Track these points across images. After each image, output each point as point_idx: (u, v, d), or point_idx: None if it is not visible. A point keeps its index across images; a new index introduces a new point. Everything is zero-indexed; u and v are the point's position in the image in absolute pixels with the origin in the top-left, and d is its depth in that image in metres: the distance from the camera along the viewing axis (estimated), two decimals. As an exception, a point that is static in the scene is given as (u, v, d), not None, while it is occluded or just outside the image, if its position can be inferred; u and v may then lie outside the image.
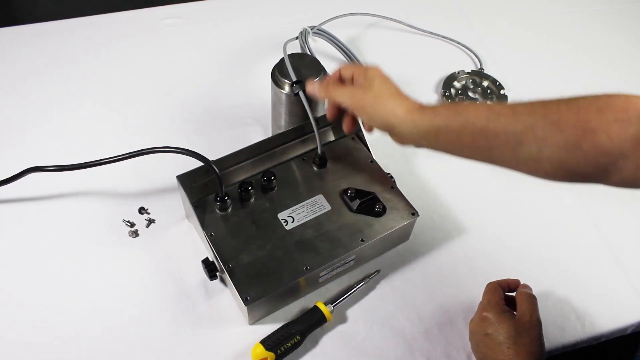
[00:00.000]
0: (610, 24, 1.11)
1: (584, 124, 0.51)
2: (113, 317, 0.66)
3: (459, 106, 0.57)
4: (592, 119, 0.51)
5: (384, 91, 0.61)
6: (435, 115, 0.58)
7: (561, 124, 0.52)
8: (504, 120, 0.54)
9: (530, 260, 0.74)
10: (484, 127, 0.55)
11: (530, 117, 0.53)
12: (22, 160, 0.76)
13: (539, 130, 0.53)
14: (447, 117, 0.57)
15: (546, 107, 0.53)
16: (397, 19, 1.04)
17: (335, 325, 0.67)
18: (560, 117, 0.52)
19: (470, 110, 0.56)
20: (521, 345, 0.58)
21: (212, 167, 0.64)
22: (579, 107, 0.52)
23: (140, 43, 0.98)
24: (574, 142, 0.51)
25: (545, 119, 0.53)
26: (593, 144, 0.51)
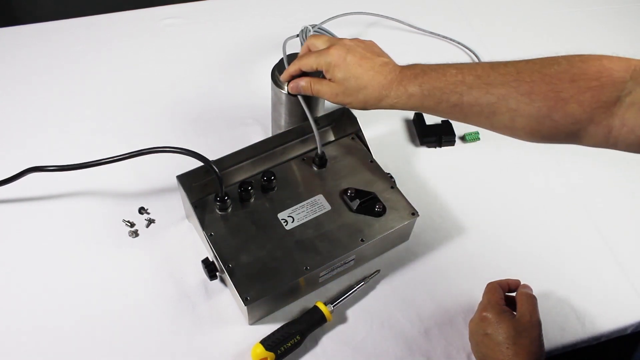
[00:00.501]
0: (610, 24, 1.11)
1: (556, 94, 0.52)
2: (113, 317, 0.66)
3: (431, 80, 0.59)
4: (564, 89, 0.52)
5: (352, 83, 0.63)
6: (409, 98, 0.60)
7: (533, 94, 0.53)
8: (476, 93, 0.56)
9: (530, 260, 0.74)
10: (458, 101, 0.57)
11: (502, 89, 0.54)
12: (22, 160, 0.76)
13: (512, 102, 0.54)
14: (421, 98, 0.59)
15: (519, 76, 0.54)
16: (397, 19, 1.04)
17: (335, 325, 0.67)
18: (532, 87, 0.53)
19: (443, 85, 0.57)
20: (521, 346, 0.58)
21: (212, 167, 0.64)
22: (552, 76, 0.52)
23: (141, 43, 0.98)
24: (546, 112, 0.53)
25: (518, 90, 0.53)
26: (564, 113, 0.52)
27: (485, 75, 0.56)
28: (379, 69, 0.62)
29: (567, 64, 0.52)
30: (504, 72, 0.55)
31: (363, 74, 0.62)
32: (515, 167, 0.84)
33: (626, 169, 0.85)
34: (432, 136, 0.85)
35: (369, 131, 0.79)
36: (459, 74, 0.57)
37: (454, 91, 0.57)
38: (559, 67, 0.52)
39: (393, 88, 0.61)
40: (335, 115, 0.77)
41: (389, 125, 0.88)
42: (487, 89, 0.55)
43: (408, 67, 0.62)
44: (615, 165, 0.85)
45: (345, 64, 0.63)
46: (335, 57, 0.63)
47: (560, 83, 0.52)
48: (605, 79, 0.51)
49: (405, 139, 0.87)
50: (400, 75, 0.61)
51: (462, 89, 0.56)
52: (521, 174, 0.84)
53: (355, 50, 0.64)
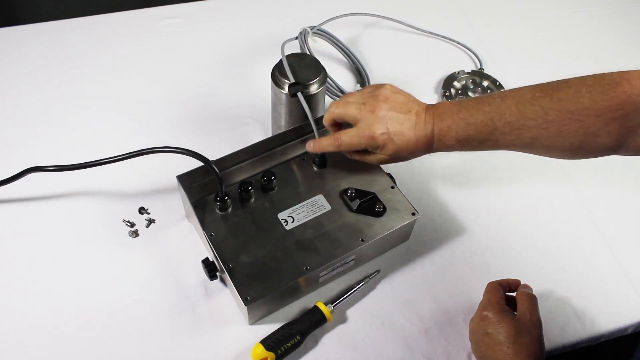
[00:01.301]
0: (610, 24, 1.11)
1: (584, 130, 0.56)
2: (113, 316, 0.66)
3: (466, 132, 0.62)
4: (591, 124, 0.55)
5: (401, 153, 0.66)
6: (449, 149, 0.64)
7: (563, 134, 0.57)
8: (509, 137, 0.60)
9: (531, 260, 0.74)
10: (494, 145, 0.62)
11: (534, 131, 0.58)
12: (22, 160, 0.76)
13: (544, 140, 0.58)
14: (461, 148, 0.64)
15: (546, 117, 0.57)
16: (397, 19, 1.04)
17: (335, 325, 0.67)
18: (561, 128, 0.57)
19: (479, 136, 0.61)
20: (521, 345, 0.58)
21: (212, 167, 0.64)
22: (578, 114, 0.56)
23: (141, 43, 0.98)
24: (578, 146, 0.57)
25: (548, 132, 0.58)
26: (595, 145, 0.57)
27: (515, 121, 0.59)
28: (417, 128, 0.64)
29: (590, 99, 0.55)
30: (532, 115, 0.58)
31: (409, 143, 0.64)
32: (515, 167, 0.84)
33: (626, 169, 0.85)
34: (432, 136, 0.85)
35: (369, 131, 0.78)
36: (490, 121, 0.60)
37: (489, 139, 0.61)
38: (583, 103, 0.55)
39: (434, 145, 0.64)
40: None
41: (389, 125, 0.88)
42: (519, 134, 0.59)
43: (439, 117, 0.63)
44: (616, 165, 0.85)
45: (392, 142, 0.64)
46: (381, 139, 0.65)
47: (587, 119, 0.55)
48: (628, 107, 0.54)
49: (405, 139, 0.86)
50: (436, 129, 0.63)
51: (496, 136, 0.61)
52: (521, 174, 0.84)
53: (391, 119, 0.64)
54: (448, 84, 0.94)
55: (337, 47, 0.96)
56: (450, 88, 0.93)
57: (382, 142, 0.65)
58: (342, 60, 0.97)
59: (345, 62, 0.97)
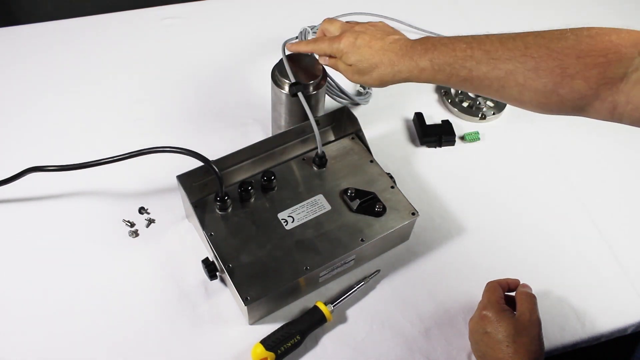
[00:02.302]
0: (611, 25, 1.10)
1: (562, 70, 0.53)
2: (113, 316, 0.66)
3: (441, 55, 0.60)
4: (570, 65, 0.52)
5: (364, 64, 0.65)
6: (421, 72, 0.62)
7: (540, 70, 0.54)
8: (484, 67, 0.57)
9: (530, 260, 0.74)
10: (467, 75, 0.59)
11: (510, 64, 0.55)
12: (22, 160, 0.76)
13: (519, 77, 0.55)
14: (432, 72, 0.61)
15: (526, 52, 0.55)
16: (397, 19, 1.04)
17: (335, 325, 0.67)
18: (539, 63, 0.54)
19: (453, 61, 0.59)
20: (520, 344, 0.58)
21: (212, 167, 0.64)
22: (558, 52, 0.53)
23: (141, 43, 0.98)
24: (552, 87, 0.54)
25: (525, 66, 0.55)
26: (570, 89, 0.53)
27: (494, 50, 0.57)
28: (389, 46, 0.64)
29: (575, 40, 0.53)
30: (511, 47, 0.56)
31: (373, 55, 0.64)
32: (515, 166, 0.84)
33: (626, 169, 0.85)
34: (432, 136, 0.85)
35: (369, 131, 0.79)
36: (468, 48, 0.58)
37: (463, 66, 0.59)
38: (566, 43, 0.53)
39: (405, 63, 0.63)
40: (336, 115, 0.77)
41: (389, 125, 0.88)
42: (495, 64, 0.56)
43: (419, 42, 0.63)
44: (616, 164, 0.85)
45: (355, 48, 0.65)
46: (346, 44, 0.66)
47: (566, 59, 0.53)
48: (612, 55, 0.51)
49: (405, 139, 0.87)
50: (411, 50, 0.63)
51: (471, 64, 0.58)
52: (521, 174, 0.84)
53: (364, 33, 0.66)
54: (448, 84, 0.94)
55: (337, 47, 0.96)
56: (450, 88, 0.93)
57: (346, 48, 0.66)
58: (342, 60, 0.97)
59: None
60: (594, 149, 0.87)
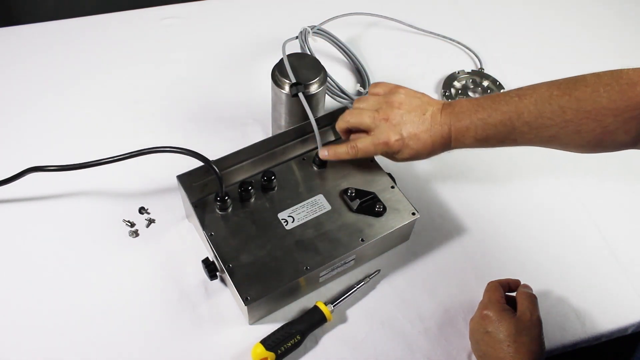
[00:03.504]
0: (611, 25, 1.11)
1: (602, 129, 0.56)
2: (113, 316, 0.66)
3: (484, 132, 0.62)
4: (610, 124, 0.56)
5: (419, 156, 0.66)
6: (469, 147, 0.65)
7: (582, 132, 0.57)
8: (528, 136, 0.61)
9: (531, 260, 0.74)
10: (513, 144, 0.63)
11: (552, 130, 0.59)
12: (22, 160, 0.76)
13: (563, 139, 0.59)
14: (480, 146, 0.64)
15: (565, 117, 0.57)
16: (397, 19, 1.04)
17: (335, 325, 0.67)
18: (579, 127, 0.57)
19: (498, 135, 0.62)
20: (521, 344, 0.58)
21: (212, 167, 0.64)
22: (596, 113, 0.56)
23: (141, 43, 0.98)
24: (596, 143, 0.58)
25: (566, 131, 0.58)
26: (613, 142, 0.57)
27: (534, 120, 0.59)
28: (434, 131, 0.64)
29: (607, 98, 0.55)
30: (550, 115, 0.58)
31: (425, 146, 0.65)
32: (515, 166, 0.84)
33: (627, 169, 0.85)
34: (432, 136, 0.84)
35: (369, 131, 0.79)
36: (508, 121, 0.60)
37: (507, 138, 0.62)
38: (601, 102, 0.56)
39: (452, 144, 0.65)
40: (336, 115, 0.77)
41: (389, 125, 0.88)
42: (538, 133, 0.60)
43: (456, 117, 0.63)
44: (616, 164, 0.85)
45: (407, 147, 0.66)
46: (395, 145, 0.66)
47: (605, 119, 0.56)
48: None
49: (405, 139, 0.86)
50: (453, 130, 0.63)
51: (515, 136, 0.61)
52: (521, 174, 0.84)
53: (406, 124, 0.65)
54: (448, 83, 0.94)
55: (337, 47, 0.96)
56: (450, 88, 0.94)
57: (397, 148, 0.65)
58: (342, 60, 0.97)
59: (345, 62, 0.97)
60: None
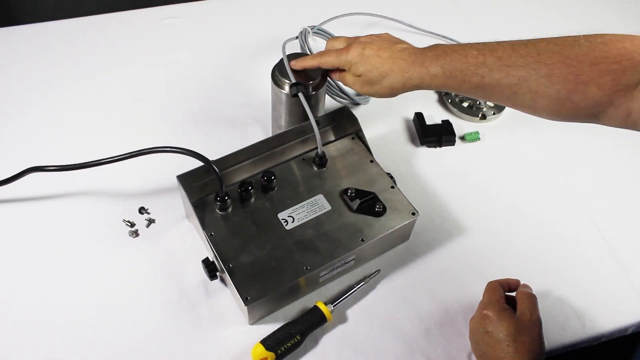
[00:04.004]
0: (611, 25, 1.10)
1: (576, 77, 0.52)
2: (113, 316, 0.66)
3: (452, 62, 0.60)
4: (584, 72, 0.52)
5: (374, 74, 0.65)
6: (432, 78, 0.61)
7: (553, 77, 0.53)
8: (497, 74, 0.56)
9: (531, 260, 0.74)
10: (479, 82, 0.58)
11: (523, 70, 0.55)
12: (22, 160, 0.76)
13: (532, 84, 0.55)
14: (444, 79, 0.61)
15: (539, 58, 0.54)
16: (397, 19, 1.04)
17: (335, 325, 0.67)
18: (552, 70, 0.53)
19: (465, 67, 0.59)
20: (521, 343, 0.58)
21: (212, 167, 0.64)
22: (572, 58, 0.52)
23: (141, 43, 0.98)
24: (566, 94, 0.53)
25: (538, 73, 0.54)
26: (584, 96, 0.53)
27: (506, 57, 0.56)
28: (399, 54, 0.64)
29: (588, 46, 0.52)
30: (524, 53, 0.55)
31: (383, 63, 0.64)
32: (515, 166, 0.84)
33: (627, 169, 0.85)
34: (432, 136, 0.85)
35: (369, 131, 0.79)
36: (480, 55, 0.58)
37: (475, 73, 0.58)
38: (580, 49, 0.53)
39: (415, 70, 0.62)
40: (336, 115, 0.77)
41: (389, 125, 0.88)
42: (508, 71, 0.56)
43: (429, 48, 0.63)
44: (616, 164, 0.85)
45: (364, 58, 0.65)
46: (354, 54, 0.66)
47: (580, 66, 0.52)
48: (626, 62, 0.51)
49: (405, 139, 0.87)
50: (421, 57, 0.62)
51: (483, 70, 0.57)
52: (521, 174, 0.84)
53: (372, 44, 0.66)
54: (448, 84, 0.94)
55: (337, 47, 0.96)
56: (450, 88, 0.93)
57: (354, 58, 0.65)
58: (342, 60, 0.97)
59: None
60: (594, 149, 0.87)
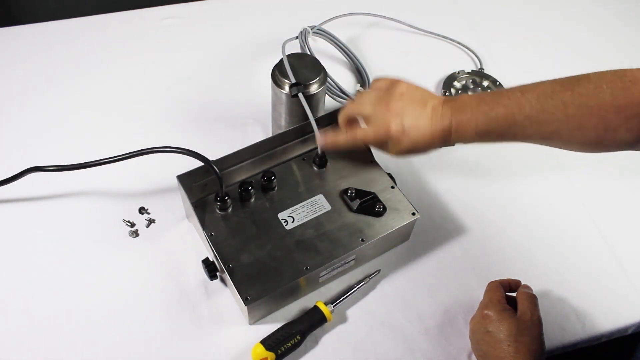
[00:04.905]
0: (611, 25, 1.11)
1: (605, 125, 0.55)
2: (113, 317, 0.66)
3: (485, 125, 0.61)
4: (611, 120, 0.55)
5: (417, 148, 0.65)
6: (467, 143, 0.64)
7: (583, 128, 0.56)
8: (529, 131, 0.59)
9: (531, 260, 0.74)
10: (513, 139, 0.61)
11: (553, 126, 0.58)
12: (22, 160, 0.76)
13: (563, 135, 0.58)
14: (479, 141, 0.63)
15: (567, 111, 0.57)
16: (397, 19, 1.04)
17: (335, 325, 0.67)
18: (581, 122, 0.56)
19: (498, 129, 0.60)
20: (522, 343, 0.58)
21: (212, 167, 0.64)
22: (598, 108, 0.55)
23: (141, 43, 0.98)
24: (597, 141, 0.57)
25: (568, 126, 0.57)
26: (614, 140, 0.56)
27: (535, 115, 0.58)
28: (434, 121, 0.63)
29: (611, 94, 0.55)
30: (552, 109, 0.57)
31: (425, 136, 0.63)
32: (515, 167, 0.84)
33: (627, 169, 0.85)
34: (432, 136, 0.84)
35: (369, 131, 0.78)
36: (510, 115, 0.59)
37: (508, 132, 0.60)
38: (604, 99, 0.55)
39: (452, 138, 0.63)
40: (336, 115, 0.77)
41: (389, 125, 0.88)
42: (539, 128, 0.59)
43: (458, 110, 0.62)
44: (616, 164, 0.85)
45: (407, 137, 0.64)
46: (395, 134, 0.64)
47: (607, 115, 0.55)
48: None
49: (405, 139, 0.86)
50: (454, 122, 0.62)
51: (515, 130, 0.60)
52: (522, 174, 0.84)
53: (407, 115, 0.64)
54: (448, 84, 0.94)
55: (337, 47, 0.96)
56: (450, 88, 0.94)
57: (397, 136, 0.64)
58: (342, 60, 0.97)
59: (345, 62, 0.97)
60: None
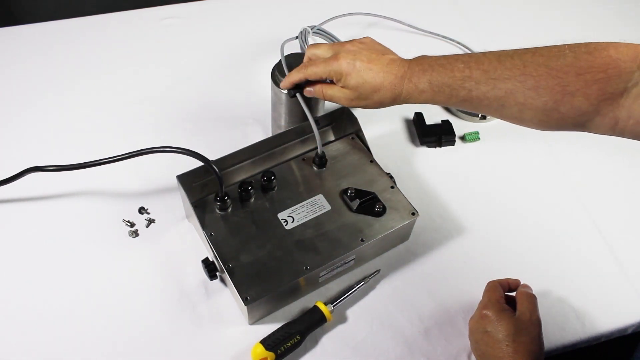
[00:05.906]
0: (611, 25, 1.10)
1: (562, 88, 0.53)
2: (113, 317, 0.66)
3: (439, 77, 0.60)
4: (570, 83, 0.52)
5: (366, 88, 0.64)
6: (420, 94, 0.61)
7: (539, 89, 0.54)
8: (484, 87, 0.57)
9: (530, 260, 0.74)
10: (467, 96, 0.58)
11: (509, 83, 0.55)
12: (22, 160, 0.76)
13: (519, 96, 0.55)
14: (432, 94, 0.61)
15: (525, 70, 0.55)
16: (397, 19, 1.04)
17: (335, 325, 0.67)
18: (538, 82, 0.54)
19: (452, 82, 0.59)
20: (520, 343, 0.58)
21: (212, 167, 0.64)
22: (558, 70, 0.53)
23: (141, 43, 0.98)
24: (553, 105, 0.54)
25: (524, 85, 0.55)
26: (571, 106, 0.53)
27: (492, 70, 0.56)
28: (388, 68, 0.63)
29: (573, 57, 0.53)
30: (510, 65, 0.56)
31: (375, 77, 0.63)
32: (515, 167, 0.84)
33: (627, 169, 0.85)
34: (432, 136, 0.85)
35: (369, 131, 0.79)
36: (466, 68, 0.58)
37: (462, 87, 0.58)
38: (565, 60, 0.53)
39: (404, 85, 0.62)
40: (335, 115, 0.77)
41: (389, 125, 0.88)
42: (495, 84, 0.56)
43: (416, 62, 0.63)
44: (616, 165, 0.85)
45: (356, 71, 0.63)
46: (345, 65, 0.64)
47: (566, 77, 0.53)
48: (611, 70, 0.51)
49: (405, 139, 0.87)
50: (409, 72, 0.62)
51: (470, 84, 0.58)
52: (521, 174, 0.84)
53: (361, 53, 0.64)
54: (448, 84, 0.94)
55: (337, 47, 0.96)
56: (450, 88, 0.93)
57: (347, 71, 0.63)
58: (342, 60, 0.97)
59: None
60: (594, 148, 0.87)
